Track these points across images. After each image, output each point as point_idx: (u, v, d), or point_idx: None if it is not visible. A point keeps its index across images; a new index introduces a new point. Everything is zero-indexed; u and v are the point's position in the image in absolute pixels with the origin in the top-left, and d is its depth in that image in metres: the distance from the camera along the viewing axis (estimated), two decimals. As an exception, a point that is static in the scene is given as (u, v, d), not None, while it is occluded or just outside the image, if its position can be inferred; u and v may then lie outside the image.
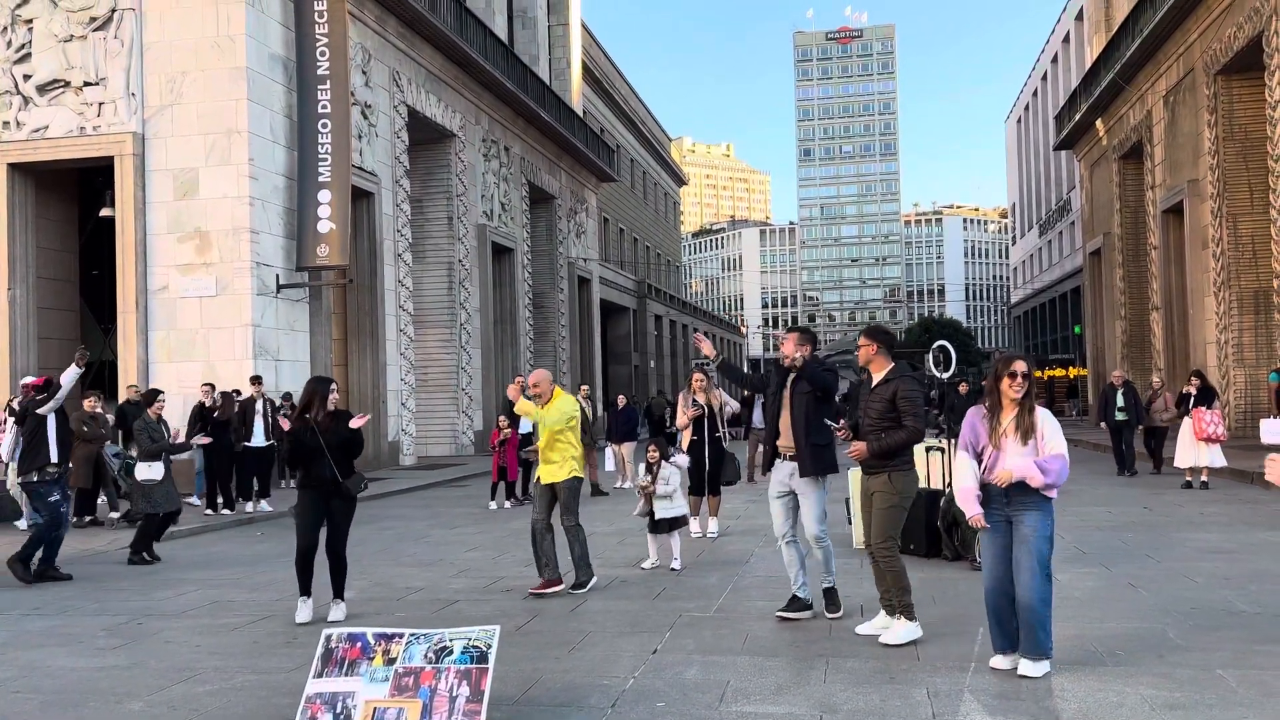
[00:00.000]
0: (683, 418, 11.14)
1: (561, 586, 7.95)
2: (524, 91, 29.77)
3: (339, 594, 7.34)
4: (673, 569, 8.91)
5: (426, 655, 4.67)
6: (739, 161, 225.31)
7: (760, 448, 15.50)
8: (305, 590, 7.29)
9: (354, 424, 7.19)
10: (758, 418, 16.92)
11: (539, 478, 8.18)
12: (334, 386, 7.45)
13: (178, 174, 17.42)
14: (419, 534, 12.22)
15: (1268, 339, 23.38)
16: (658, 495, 8.94)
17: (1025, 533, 5.40)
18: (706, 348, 7.31)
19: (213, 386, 14.65)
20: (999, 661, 5.54)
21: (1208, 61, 24.53)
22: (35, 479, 9.54)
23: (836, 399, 6.90)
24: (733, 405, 11.80)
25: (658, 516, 8.94)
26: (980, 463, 5.52)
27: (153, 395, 11.21)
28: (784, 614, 6.88)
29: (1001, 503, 5.47)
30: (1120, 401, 17.36)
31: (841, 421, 6.49)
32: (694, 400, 11.16)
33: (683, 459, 9.74)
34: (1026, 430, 5.38)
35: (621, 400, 19.08)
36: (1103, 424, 18.23)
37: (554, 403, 8.07)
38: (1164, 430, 17.48)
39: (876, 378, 6.40)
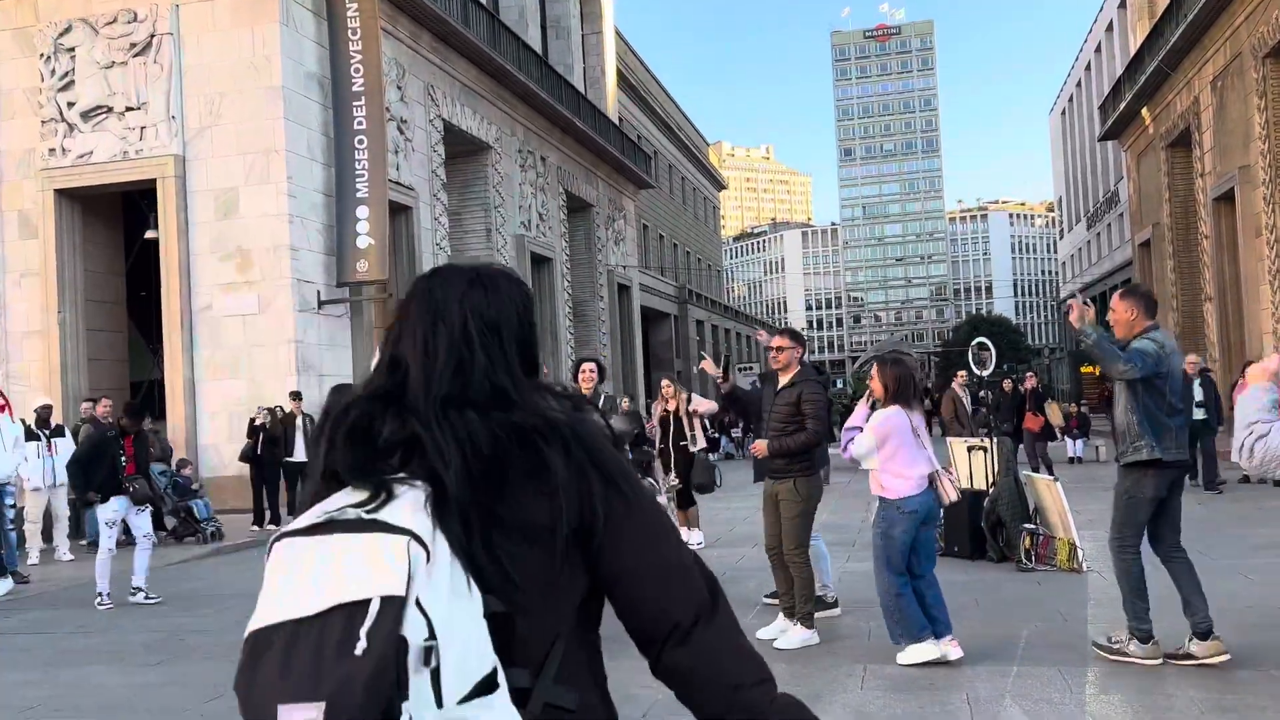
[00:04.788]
0: (650, 426, 11.16)
1: None
2: (559, 101, 29.83)
3: None
4: None
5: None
6: (779, 164, 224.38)
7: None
8: None
9: None
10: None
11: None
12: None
13: (218, 194, 17.66)
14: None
15: (1326, 327, 22.72)
16: None
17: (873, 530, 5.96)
18: (709, 368, 7.68)
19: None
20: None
21: (1255, 45, 23.93)
22: None
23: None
24: (707, 405, 10.98)
25: None
26: None
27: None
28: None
29: None
30: (1198, 395, 13.47)
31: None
32: (665, 408, 10.91)
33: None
34: None
35: (662, 406, 18.98)
36: None
37: None
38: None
39: (784, 380, 6.48)
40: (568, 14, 34.59)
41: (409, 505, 1.27)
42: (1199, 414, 13.79)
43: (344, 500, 1.29)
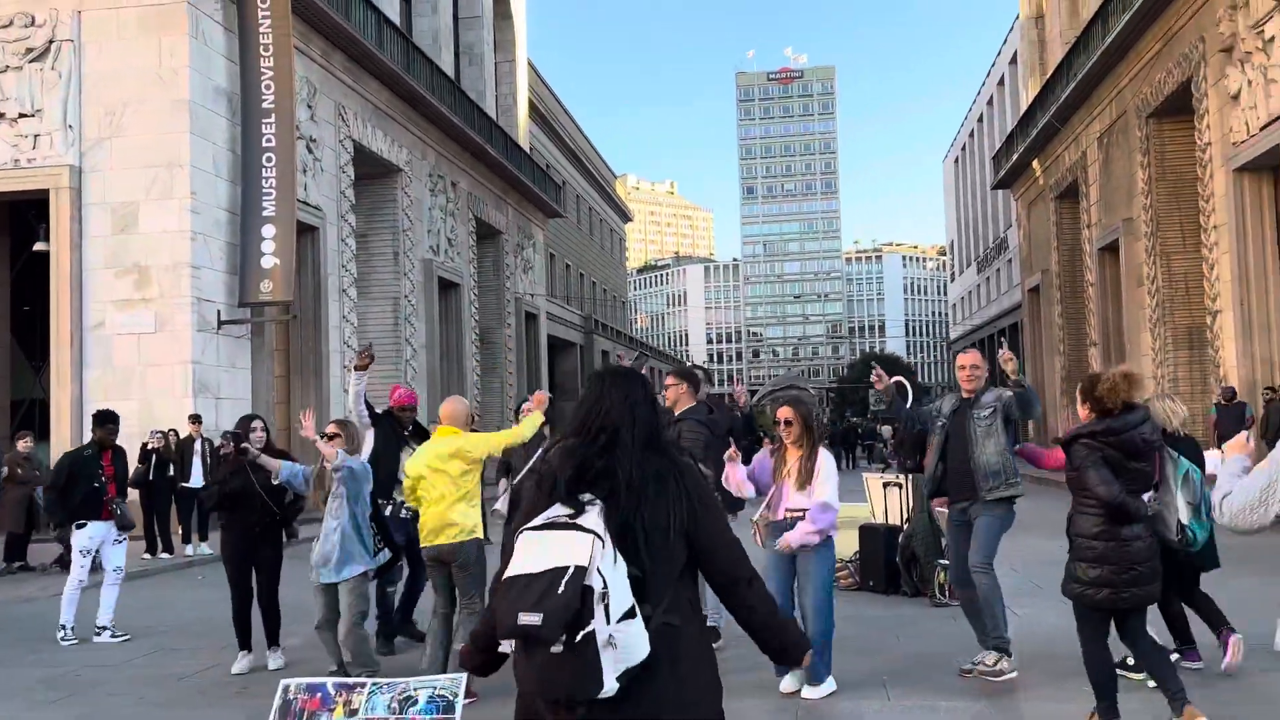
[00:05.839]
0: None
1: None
2: (471, 127, 29.68)
3: (274, 641, 7.08)
4: None
5: (390, 706, 4.46)
6: (682, 199, 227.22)
7: None
8: (244, 645, 6.99)
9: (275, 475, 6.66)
10: None
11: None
12: (256, 425, 7.00)
13: (116, 208, 16.98)
14: (367, 576, 11.88)
15: (1202, 374, 23.95)
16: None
17: (809, 572, 5.82)
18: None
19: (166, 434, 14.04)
20: (785, 684, 5.88)
21: (1139, 105, 25.28)
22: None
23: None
24: None
25: None
26: (766, 497, 6.07)
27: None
28: None
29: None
30: None
31: None
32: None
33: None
34: (805, 476, 5.88)
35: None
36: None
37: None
38: None
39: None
40: (481, 41, 34.54)
41: (595, 516, 2.37)
42: None
43: (557, 511, 2.40)
